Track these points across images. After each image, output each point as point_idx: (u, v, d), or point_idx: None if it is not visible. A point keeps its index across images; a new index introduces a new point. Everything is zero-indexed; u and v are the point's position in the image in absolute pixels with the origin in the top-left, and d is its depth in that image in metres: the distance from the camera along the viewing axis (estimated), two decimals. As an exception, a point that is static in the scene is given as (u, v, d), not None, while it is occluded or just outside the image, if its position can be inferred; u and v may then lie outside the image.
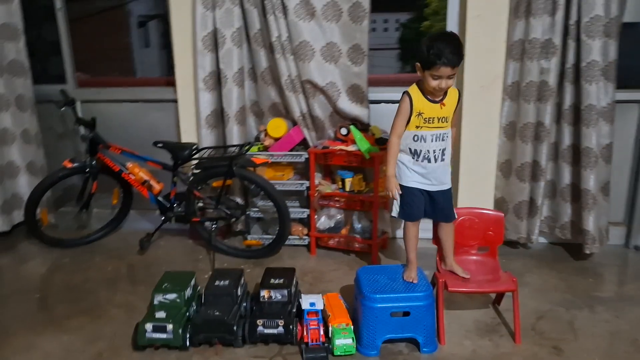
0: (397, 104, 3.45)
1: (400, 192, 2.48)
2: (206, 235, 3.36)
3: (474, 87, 3.18)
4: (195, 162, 3.22)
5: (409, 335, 2.38)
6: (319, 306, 2.44)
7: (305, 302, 2.46)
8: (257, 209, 3.49)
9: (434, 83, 2.29)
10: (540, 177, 3.23)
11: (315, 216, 3.39)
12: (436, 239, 2.64)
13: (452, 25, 3.25)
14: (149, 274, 3.18)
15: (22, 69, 3.64)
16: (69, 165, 3.32)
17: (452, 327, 2.58)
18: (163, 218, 3.40)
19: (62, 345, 2.49)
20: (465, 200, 3.34)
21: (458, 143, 2.69)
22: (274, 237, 3.32)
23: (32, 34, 3.84)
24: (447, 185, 2.51)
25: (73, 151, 3.91)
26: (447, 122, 2.42)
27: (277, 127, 3.37)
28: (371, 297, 2.35)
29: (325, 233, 3.40)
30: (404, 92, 2.41)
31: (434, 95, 2.36)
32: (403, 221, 2.59)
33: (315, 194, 3.31)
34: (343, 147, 3.19)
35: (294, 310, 2.51)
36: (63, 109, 3.33)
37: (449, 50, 2.22)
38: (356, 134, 3.15)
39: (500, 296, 2.76)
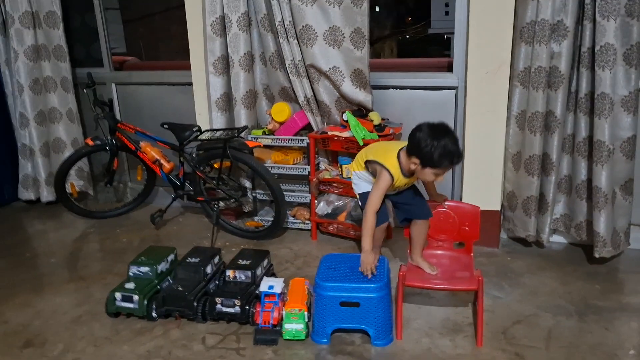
0: (405, 90, 3.37)
1: (375, 273, 2.40)
2: (211, 213, 3.49)
3: (479, 73, 2.98)
4: (197, 143, 3.35)
5: (360, 327, 2.33)
6: (277, 290, 2.46)
7: (265, 285, 2.48)
8: (262, 192, 3.56)
9: (432, 177, 2.30)
10: (551, 172, 2.98)
11: (315, 201, 3.39)
12: (408, 231, 2.56)
13: (460, 8, 3.05)
14: (155, 247, 3.39)
15: (63, 53, 3.98)
16: (91, 143, 3.59)
17: (417, 322, 2.49)
18: (173, 196, 3.58)
19: (53, 306, 2.74)
20: (470, 193, 3.17)
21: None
22: (272, 220, 3.38)
23: (76, 20, 4.19)
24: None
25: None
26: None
27: (280, 111, 3.40)
28: (321, 285, 2.33)
29: (323, 219, 3.39)
30: (383, 167, 2.39)
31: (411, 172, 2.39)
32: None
33: (314, 179, 3.31)
34: (337, 132, 3.15)
35: (257, 292, 2.55)
36: (85, 90, 3.60)
37: (457, 150, 2.22)
38: (351, 120, 3.09)
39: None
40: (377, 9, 14.18)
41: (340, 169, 3.27)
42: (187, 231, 3.72)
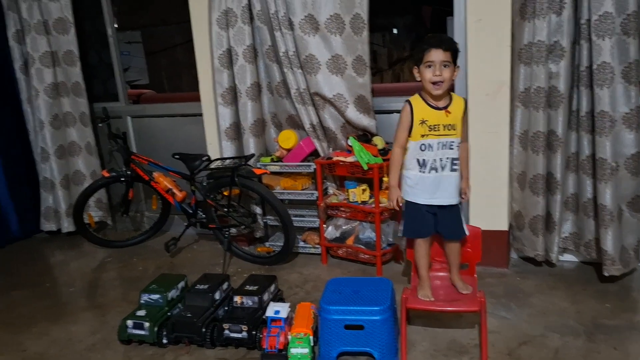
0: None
1: (401, 204, 2.47)
2: (223, 240, 3.56)
3: (479, 95, 3.02)
4: (207, 172, 3.44)
5: (364, 350, 2.35)
6: (283, 314, 2.50)
7: (271, 309, 2.53)
8: (272, 218, 3.63)
9: (429, 74, 2.28)
10: (556, 190, 2.98)
11: (324, 226, 3.44)
12: (411, 253, 2.58)
13: (458, 31, 3.11)
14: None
15: (81, 89, 4.15)
16: (106, 174, 3.73)
17: (422, 345, 2.50)
18: (186, 224, 3.67)
19: (69, 334, 2.83)
20: (477, 214, 3.18)
21: (468, 159, 2.57)
22: (282, 245, 3.43)
23: (93, 57, 4.38)
24: (455, 199, 2.44)
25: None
26: (454, 130, 2.37)
27: (287, 138, 3.48)
28: (325, 309, 2.37)
29: (332, 243, 3.43)
30: (405, 101, 2.42)
31: (437, 100, 2.36)
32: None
33: (322, 204, 3.36)
34: (342, 158, 3.21)
35: (263, 317, 2.59)
36: (100, 125, 3.75)
37: (435, 36, 2.32)
38: (355, 145, 3.16)
39: (483, 316, 2.60)
40: (396, 31, 14.30)
41: (347, 194, 3.32)
42: (201, 258, 3.79)
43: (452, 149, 2.37)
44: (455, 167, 2.39)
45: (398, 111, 3.40)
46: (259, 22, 3.39)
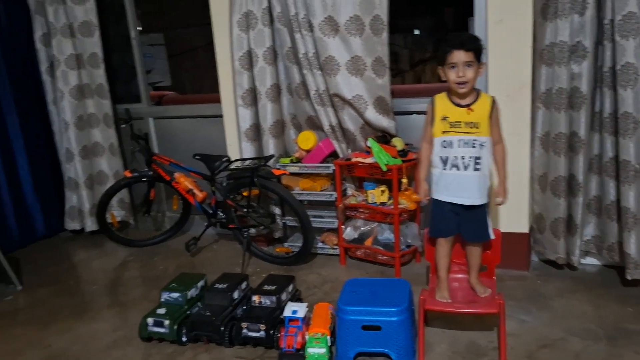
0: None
1: (429, 198, 2.50)
2: (243, 240, 3.59)
3: (500, 96, 2.93)
4: (227, 173, 3.48)
5: (381, 350, 2.35)
6: (301, 314, 2.51)
7: (289, 309, 2.55)
8: (291, 218, 3.64)
9: (453, 75, 2.30)
10: (578, 193, 2.94)
11: (343, 227, 3.45)
12: (430, 255, 2.57)
13: (479, 32, 3.08)
14: (190, 274, 3.51)
15: (105, 91, 4.23)
16: (129, 175, 3.80)
17: (440, 347, 2.49)
18: (206, 224, 3.71)
19: (91, 331, 2.89)
20: (497, 216, 3.15)
21: (504, 161, 2.49)
22: (301, 246, 3.45)
23: (116, 60, 4.45)
24: (479, 200, 2.40)
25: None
26: (477, 128, 2.35)
27: (306, 139, 3.50)
28: (343, 309, 2.38)
29: (351, 244, 3.44)
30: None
31: (461, 98, 2.36)
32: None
33: (340, 206, 3.37)
34: (360, 159, 3.22)
35: (281, 316, 2.61)
36: (123, 126, 3.81)
37: (457, 36, 2.33)
38: (374, 146, 3.16)
39: (502, 319, 2.58)
40: (418, 32, 14.29)
41: (366, 195, 3.32)
42: (220, 258, 3.83)
43: (474, 147, 2.35)
44: (478, 166, 2.36)
45: (418, 112, 3.47)
46: (279, 24, 3.42)
